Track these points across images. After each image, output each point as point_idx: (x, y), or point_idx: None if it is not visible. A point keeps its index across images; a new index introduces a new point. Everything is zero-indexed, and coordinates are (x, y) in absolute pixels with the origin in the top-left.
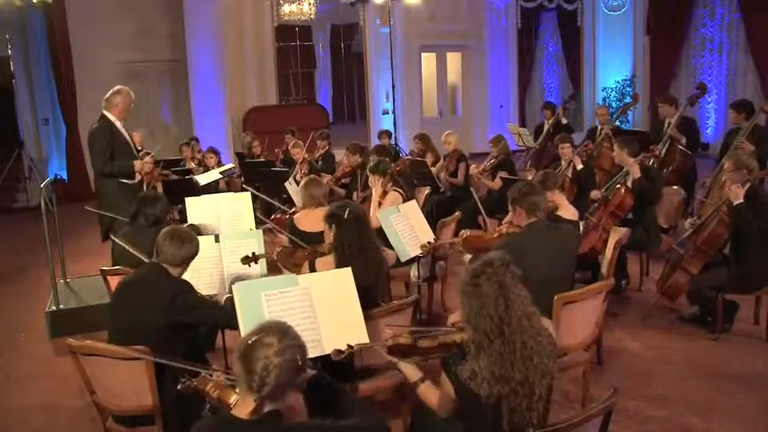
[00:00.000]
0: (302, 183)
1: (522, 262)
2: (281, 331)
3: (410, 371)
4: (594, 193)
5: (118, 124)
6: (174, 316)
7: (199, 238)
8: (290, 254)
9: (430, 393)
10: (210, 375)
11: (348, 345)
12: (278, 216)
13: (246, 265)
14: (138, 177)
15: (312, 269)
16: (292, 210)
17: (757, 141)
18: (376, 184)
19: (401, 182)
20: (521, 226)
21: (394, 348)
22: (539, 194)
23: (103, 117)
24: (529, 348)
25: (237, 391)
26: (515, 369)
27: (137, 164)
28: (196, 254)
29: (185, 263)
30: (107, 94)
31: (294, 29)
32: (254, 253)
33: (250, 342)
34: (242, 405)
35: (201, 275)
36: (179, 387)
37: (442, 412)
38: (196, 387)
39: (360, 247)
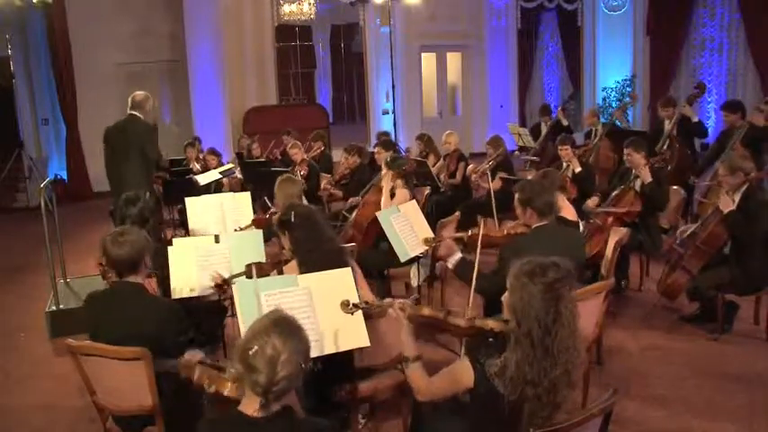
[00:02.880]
0: (277, 183)
1: None
2: (283, 334)
3: (410, 345)
4: (589, 203)
5: None
6: (165, 338)
7: (199, 238)
8: (263, 268)
9: (418, 374)
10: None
11: (365, 301)
12: (257, 216)
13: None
14: None
15: None
16: (272, 210)
17: (752, 141)
18: (387, 180)
19: (411, 181)
20: (530, 226)
21: (416, 318)
22: (552, 195)
23: (139, 117)
24: (570, 363)
25: (230, 376)
26: (547, 378)
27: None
28: (144, 248)
29: (139, 263)
30: (140, 98)
31: (294, 29)
32: (224, 279)
33: (251, 352)
34: (248, 400)
35: (202, 275)
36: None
37: (426, 396)
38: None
39: (316, 243)
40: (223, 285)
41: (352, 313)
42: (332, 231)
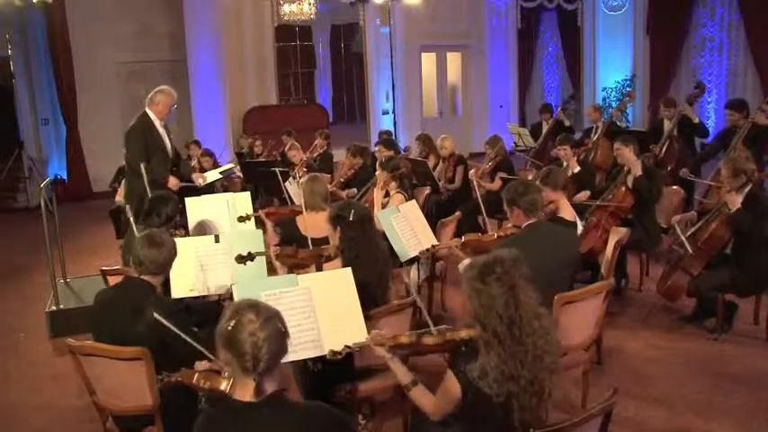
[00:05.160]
0: (304, 180)
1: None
2: (254, 307)
3: (402, 372)
4: (580, 196)
5: (157, 123)
6: (163, 337)
7: (199, 238)
8: (293, 255)
9: (422, 397)
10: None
11: (346, 345)
12: (273, 209)
13: (242, 264)
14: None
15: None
16: (293, 206)
17: (754, 141)
18: (380, 182)
19: (406, 184)
20: (520, 227)
21: (395, 349)
22: (535, 193)
23: (144, 115)
24: (539, 348)
25: (226, 375)
26: (525, 368)
27: (171, 180)
28: (175, 256)
29: (166, 267)
30: (151, 93)
31: (294, 29)
32: (249, 252)
33: (230, 327)
34: (241, 389)
35: (202, 276)
36: (158, 386)
37: (436, 415)
38: (178, 381)
39: (365, 248)
40: (248, 259)
41: (337, 358)
42: (380, 238)
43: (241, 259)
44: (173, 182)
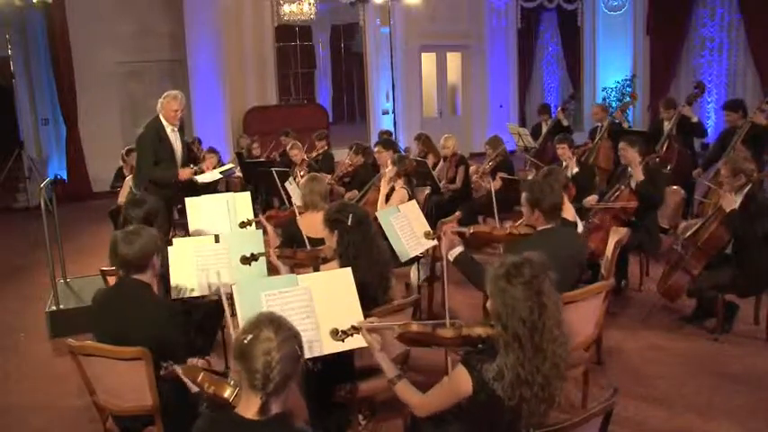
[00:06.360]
0: (303, 180)
1: None
2: (275, 323)
3: (388, 366)
4: (589, 200)
5: (168, 129)
6: (166, 338)
7: (199, 238)
8: (292, 255)
9: (408, 393)
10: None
11: (353, 326)
12: (273, 212)
13: (247, 265)
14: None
15: None
16: (292, 208)
17: (754, 140)
18: (387, 178)
19: (413, 182)
20: (533, 227)
21: (405, 336)
22: (558, 196)
23: (156, 119)
24: (557, 356)
25: (232, 383)
26: (540, 374)
27: (180, 173)
28: (154, 248)
29: (148, 259)
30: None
31: (294, 29)
32: (252, 253)
33: (247, 341)
34: (246, 403)
35: (202, 276)
36: (161, 372)
37: (422, 410)
38: (180, 374)
39: (365, 251)
40: (252, 260)
41: (342, 340)
42: (380, 240)
43: (245, 260)
44: (185, 173)
